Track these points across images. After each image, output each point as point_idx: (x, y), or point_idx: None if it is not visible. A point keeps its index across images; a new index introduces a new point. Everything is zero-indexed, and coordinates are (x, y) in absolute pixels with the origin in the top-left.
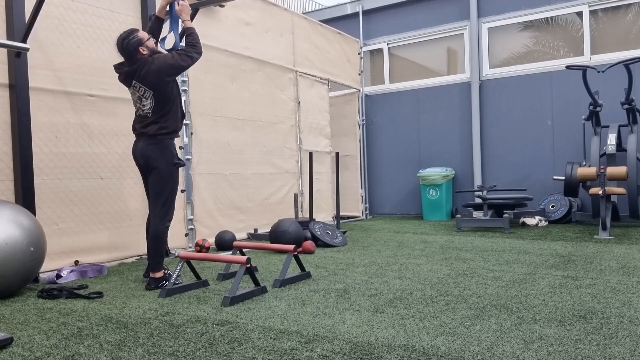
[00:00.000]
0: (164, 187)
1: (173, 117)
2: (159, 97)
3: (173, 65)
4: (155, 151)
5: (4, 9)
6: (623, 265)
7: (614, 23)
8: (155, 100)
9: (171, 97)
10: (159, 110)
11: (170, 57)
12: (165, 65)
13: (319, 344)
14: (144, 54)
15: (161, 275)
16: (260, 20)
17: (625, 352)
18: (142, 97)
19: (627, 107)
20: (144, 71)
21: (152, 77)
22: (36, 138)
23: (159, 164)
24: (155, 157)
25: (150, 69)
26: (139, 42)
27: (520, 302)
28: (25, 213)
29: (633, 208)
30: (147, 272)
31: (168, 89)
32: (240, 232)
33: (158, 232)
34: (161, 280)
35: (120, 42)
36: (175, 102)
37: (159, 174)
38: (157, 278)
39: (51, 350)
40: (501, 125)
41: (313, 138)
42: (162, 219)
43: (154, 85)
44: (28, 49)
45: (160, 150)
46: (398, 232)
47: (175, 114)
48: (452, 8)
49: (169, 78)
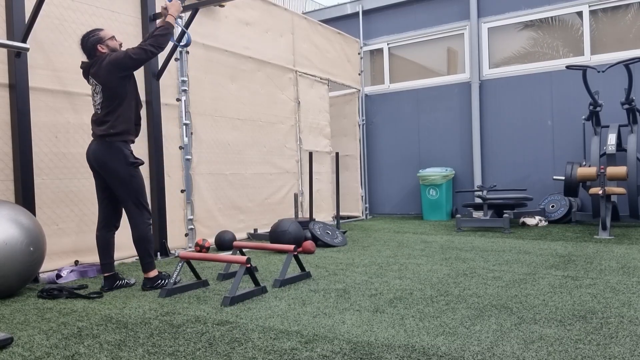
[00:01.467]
0: (128, 189)
1: (123, 117)
2: (108, 93)
3: (122, 59)
4: (108, 155)
5: (4, 9)
6: (623, 265)
7: (614, 23)
8: (104, 96)
9: (121, 94)
10: (106, 107)
11: (122, 53)
12: (115, 60)
13: (319, 344)
14: (103, 52)
15: (155, 275)
16: (260, 20)
17: (625, 352)
18: (94, 92)
19: (627, 107)
20: (96, 66)
21: (102, 72)
22: (36, 138)
23: (114, 167)
24: (109, 161)
25: (102, 64)
26: (98, 40)
27: (520, 302)
28: (25, 213)
29: (633, 208)
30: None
31: (119, 86)
32: (240, 232)
33: (139, 234)
34: (156, 279)
35: (81, 39)
36: (127, 103)
37: (119, 178)
38: (151, 278)
39: (51, 350)
40: (501, 125)
41: (313, 138)
42: (140, 220)
43: (104, 80)
44: (28, 49)
45: (113, 153)
46: (398, 232)
47: (125, 115)
48: (452, 8)
49: (119, 73)
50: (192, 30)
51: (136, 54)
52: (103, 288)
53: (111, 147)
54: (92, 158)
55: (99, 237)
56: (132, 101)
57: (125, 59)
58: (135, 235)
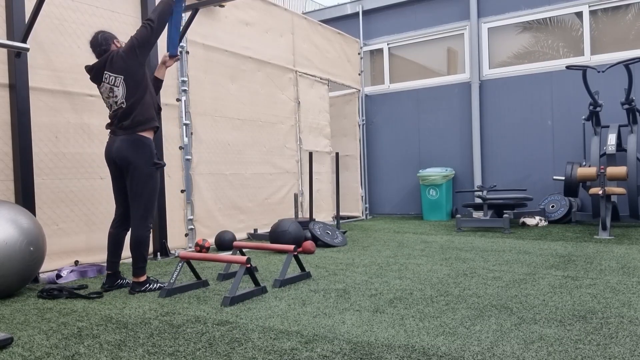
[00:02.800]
0: (144, 188)
1: (147, 104)
2: (130, 81)
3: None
4: (134, 149)
5: (4, 9)
6: (623, 265)
7: (614, 23)
8: (126, 86)
9: (142, 81)
10: (131, 97)
11: (128, 42)
12: (130, 45)
13: (319, 344)
14: (118, 46)
15: (145, 279)
16: (260, 20)
17: (625, 352)
18: (113, 86)
19: (627, 107)
20: (112, 58)
21: (121, 60)
22: (36, 138)
23: (138, 162)
24: (133, 155)
25: (118, 53)
26: (111, 36)
27: (520, 302)
28: (25, 213)
29: (633, 208)
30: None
31: (139, 72)
32: (240, 232)
33: (139, 237)
34: (144, 283)
35: (95, 37)
36: (149, 90)
37: (139, 174)
38: (140, 282)
39: (51, 350)
40: (501, 125)
41: (313, 138)
42: (144, 223)
43: (124, 68)
44: (28, 49)
45: (139, 148)
46: (398, 232)
47: (148, 102)
48: (452, 8)
49: (138, 52)
50: (192, 30)
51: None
52: (104, 285)
53: (138, 141)
54: (114, 154)
55: (112, 234)
56: (150, 88)
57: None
58: (135, 236)
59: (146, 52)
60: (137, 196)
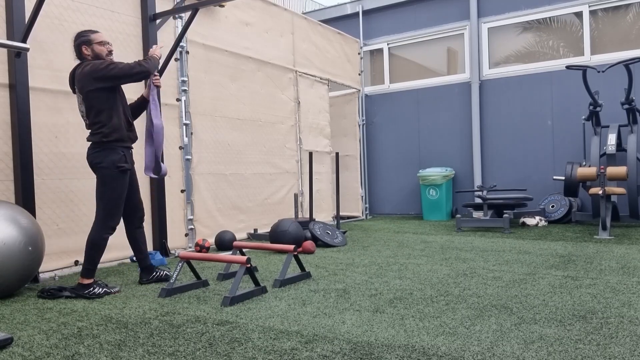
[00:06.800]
0: (102, 191)
1: (110, 125)
2: (87, 102)
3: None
4: (97, 155)
5: (4, 9)
6: (623, 265)
7: (614, 23)
8: (85, 106)
9: (99, 105)
10: (92, 117)
11: (99, 63)
12: (91, 70)
13: (319, 344)
14: (87, 55)
15: (90, 282)
16: (260, 20)
17: (625, 352)
18: (78, 101)
19: (627, 107)
20: (77, 73)
21: (80, 82)
22: (36, 138)
23: (100, 166)
24: (96, 161)
25: (83, 70)
26: (86, 41)
27: (520, 302)
28: (24, 213)
29: (633, 208)
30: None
31: (97, 98)
32: (240, 232)
33: (93, 238)
34: (89, 287)
35: (74, 37)
36: (109, 111)
37: (99, 178)
38: (85, 284)
39: (51, 350)
40: (501, 125)
41: (313, 138)
42: (101, 226)
43: (81, 90)
44: (28, 49)
45: (102, 154)
46: (398, 232)
47: (112, 123)
48: (452, 8)
49: (92, 84)
50: (192, 30)
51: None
52: (142, 280)
53: (102, 147)
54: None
55: (126, 233)
56: (119, 109)
57: (104, 72)
58: (89, 238)
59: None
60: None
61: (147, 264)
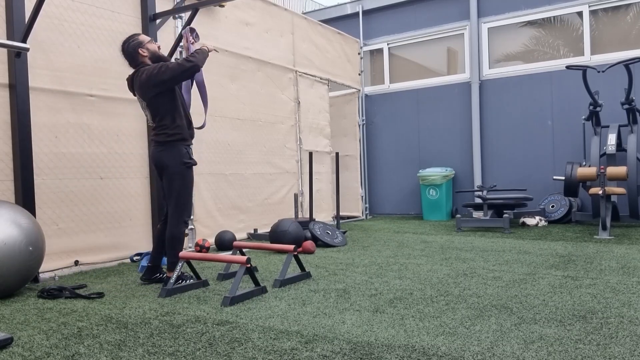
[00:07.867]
0: (173, 186)
1: (174, 126)
2: (152, 108)
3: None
4: (165, 154)
5: (4, 9)
6: (623, 265)
7: (614, 23)
8: (150, 111)
9: (163, 108)
10: (158, 120)
11: (152, 69)
12: (148, 77)
13: (319, 344)
14: (145, 56)
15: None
16: (260, 20)
17: (625, 352)
18: (142, 107)
19: (627, 107)
20: (137, 81)
21: (140, 89)
22: (36, 138)
23: (168, 164)
24: (164, 159)
25: (140, 79)
26: (139, 44)
27: (520, 302)
28: (24, 213)
29: (633, 208)
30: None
31: (158, 102)
32: (240, 232)
33: (173, 234)
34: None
35: (122, 45)
36: (172, 113)
37: (168, 175)
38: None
39: (51, 350)
40: (501, 125)
41: (313, 138)
42: (178, 220)
43: (143, 97)
44: (28, 49)
45: (169, 152)
46: (398, 232)
47: (175, 123)
48: (452, 8)
49: (151, 91)
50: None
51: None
52: (142, 277)
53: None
54: (153, 160)
55: (158, 229)
56: (180, 109)
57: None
58: (168, 232)
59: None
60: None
61: (157, 263)
